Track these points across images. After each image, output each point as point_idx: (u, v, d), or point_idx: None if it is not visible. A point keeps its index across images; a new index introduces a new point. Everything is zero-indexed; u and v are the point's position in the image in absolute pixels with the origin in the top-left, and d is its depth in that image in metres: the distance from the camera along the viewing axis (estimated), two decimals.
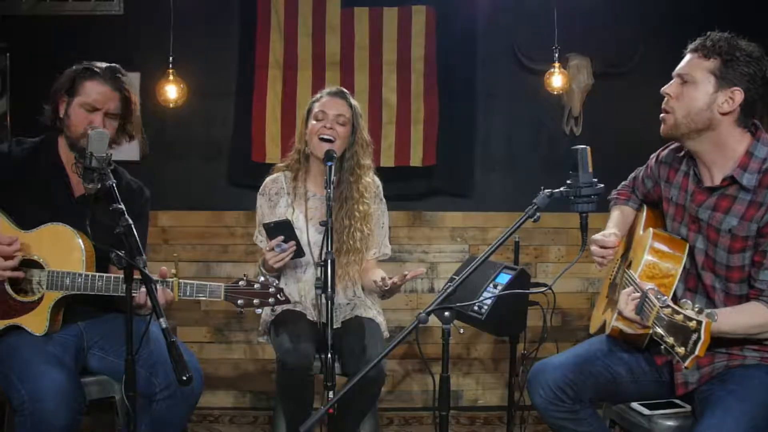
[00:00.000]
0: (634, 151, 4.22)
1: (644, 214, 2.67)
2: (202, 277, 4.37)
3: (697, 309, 1.78)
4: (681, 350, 1.77)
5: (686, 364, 1.76)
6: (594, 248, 2.51)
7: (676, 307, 1.83)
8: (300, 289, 3.06)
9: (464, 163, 4.47)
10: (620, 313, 2.20)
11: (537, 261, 4.51)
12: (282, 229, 2.81)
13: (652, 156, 2.64)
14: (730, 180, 2.24)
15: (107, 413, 2.77)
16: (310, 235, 3.01)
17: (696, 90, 2.23)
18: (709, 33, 2.27)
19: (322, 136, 2.95)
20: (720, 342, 2.22)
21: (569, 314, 4.50)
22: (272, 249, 2.80)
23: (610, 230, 2.59)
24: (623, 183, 2.82)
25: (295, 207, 3.06)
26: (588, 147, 2.12)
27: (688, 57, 2.29)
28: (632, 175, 2.78)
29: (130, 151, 4.31)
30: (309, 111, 3.07)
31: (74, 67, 2.63)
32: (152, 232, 4.32)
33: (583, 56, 4.32)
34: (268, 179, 3.16)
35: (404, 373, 4.47)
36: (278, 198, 3.09)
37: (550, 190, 2.12)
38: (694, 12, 4.28)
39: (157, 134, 4.40)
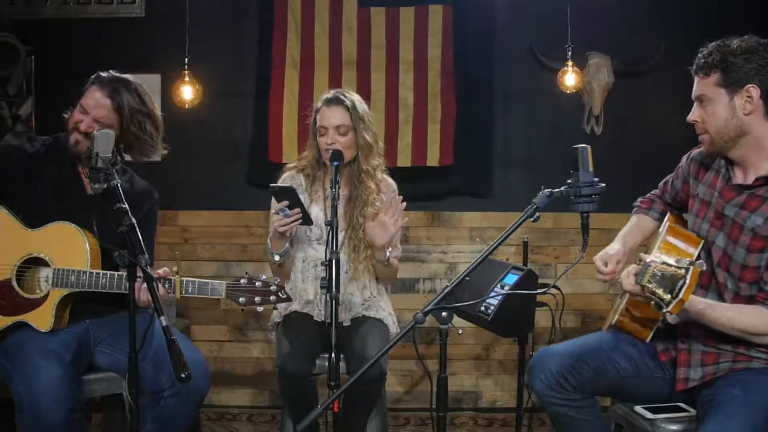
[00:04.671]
0: (656, 150, 4.20)
1: (666, 221, 2.64)
2: (222, 277, 4.41)
3: (688, 261, 1.81)
4: (667, 297, 1.80)
5: (670, 308, 1.78)
6: (597, 264, 2.54)
7: (669, 261, 1.86)
8: (316, 287, 3.03)
9: (483, 163, 4.44)
10: (623, 287, 2.20)
11: (557, 262, 4.47)
12: (287, 195, 2.76)
13: (684, 156, 2.63)
14: (764, 181, 2.23)
15: (118, 410, 2.80)
16: (337, 236, 3.00)
17: (714, 106, 2.24)
18: (700, 49, 2.29)
19: (326, 150, 2.94)
20: (726, 340, 2.20)
21: (590, 315, 4.45)
22: (277, 213, 2.77)
23: (615, 248, 2.58)
24: (652, 191, 2.80)
25: (313, 208, 3.04)
26: (588, 146, 2.11)
27: (695, 80, 2.31)
28: (663, 180, 2.76)
29: None
30: (314, 121, 3.05)
31: (93, 77, 2.71)
32: (172, 231, 4.40)
33: (602, 54, 4.27)
34: (285, 176, 3.15)
35: (422, 373, 4.45)
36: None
37: (549, 190, 2.11)
38: (715, 9, 4.20)
39: (177, 135, 4.43)
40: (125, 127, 2.68)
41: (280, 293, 2.52)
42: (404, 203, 2.87)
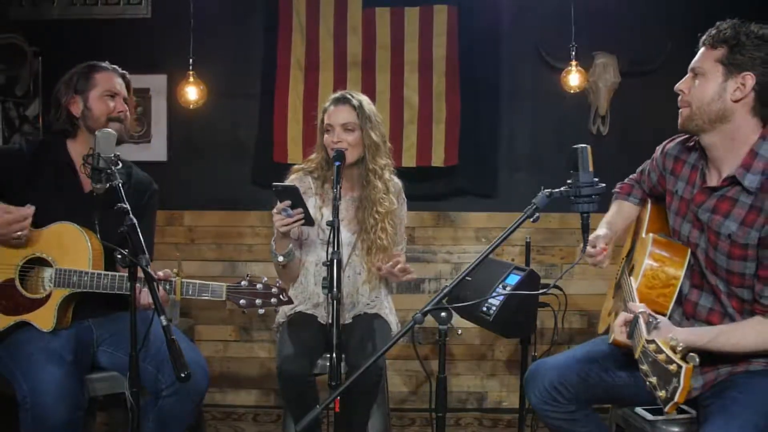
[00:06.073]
0: None
1: (648, 212, 2.59)
2: (228, 277, 4.44)
3: (680, 349, 1.67)
4: (662, 394, 1.67)
5: (667, 409, 1.66)
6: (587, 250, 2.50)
7: (660, 344, 1.73)
8: None
9: (488, 163, 4.44)
10: (614, 336, 2.13)
11: (563, 262, 4.45)
12: (290, 195, 2.74)
13: (658, 147, 2.56)
14: (731, 180, 2.14)
15: (121, 409, 2.81)
16: (342, 236, 2.99)
17: (706, 81, 2.15)
18: (717, 23, 2.19)
19: (332, 147, 2.95)
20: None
21: (595, 316, 4.42)
22: (279, 212, 2.75)
23: (602, 231, 2.55)
24: (630, 176, 2.76)
25: (324, 210, 3.06)
26: (588, 146, 2.08)
27: (700, 51, 2.21)
28: (640, 168, 2.71)
29: (157, 151, 4.43)
30: (321, 121, 3.05)
31: (72, 71, 2.76)
32: (178, 231, 4.42)
33: (609, 54, 4.25)
34: (293, 178, 3.14)
35: (428, 373, 4.45)
36: (306, 198, 3.05)
37: (549, 190, 2.08)
38: (722, 9, 4.17)
39: (182, 135, 4.49)
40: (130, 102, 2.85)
41: (281, 296, 2.51)
42: (413, 274, 2.94)
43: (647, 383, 1.74)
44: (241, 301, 2.49)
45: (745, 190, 2.11)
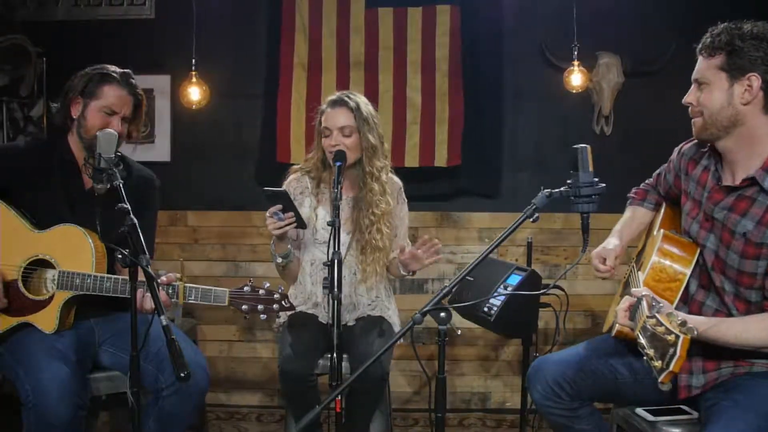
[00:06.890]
0: (667, 151, 4.11)
1: (662, 213, 2.60)
2: (231, 277, 4.45)
3: (679, 321, 1.69)
4: (658, 364, 1.69)
5: (661, 378, 1.67)
6: (594, 262, 2.53)
7: (660, 318, 1.74)
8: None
9: (492, 164, 4.43)
10: (617, 320, 2.13)
11: (567, 262, 4.43)
12: (280, 199, 2.76)
13: (675, 149, 2.55)
14: (751, 181, 2.13)
15: (123, 408, 2.82)
16: (339, 236, 3.00)
17: (712, 90, 2.15)
18: (711, 28, 2.19)
19: (330, 151, 2.95)
20: (728, 349, 2.13)
21: (600, 316, 4.42)
22: (271, 216, 2.77)
23: (612, 243, 2.56)
24: (646, 180, 2.76)
25: (319, 210, 3.07)
26: (588, 146, 2.08)
27: (698, 60, 2.22)
28: (657, 171, 2.71)
29: (160, 151, 4.44)
30: (319, 123, 3.05)
31: (88, 69, 2.72)
32: (182, 231, 4.43)
33: (612, 54, 4.24)
34: (291, 178, 3.16)
35: (431, 374, 4.44)
36: (303, 198, 3.09)
37: (549, 190, 2.09)
38: (726, 9, 4.16)
39: (186, 135, 4.50)
40: (137, 117, 2.79)
41: (283, 302, 2.50)
42: (440, 245, 2.88)
43: (644, 356, 1.76)
44: (244, 307, 2.49)
45: (764, 190, 2.10)
